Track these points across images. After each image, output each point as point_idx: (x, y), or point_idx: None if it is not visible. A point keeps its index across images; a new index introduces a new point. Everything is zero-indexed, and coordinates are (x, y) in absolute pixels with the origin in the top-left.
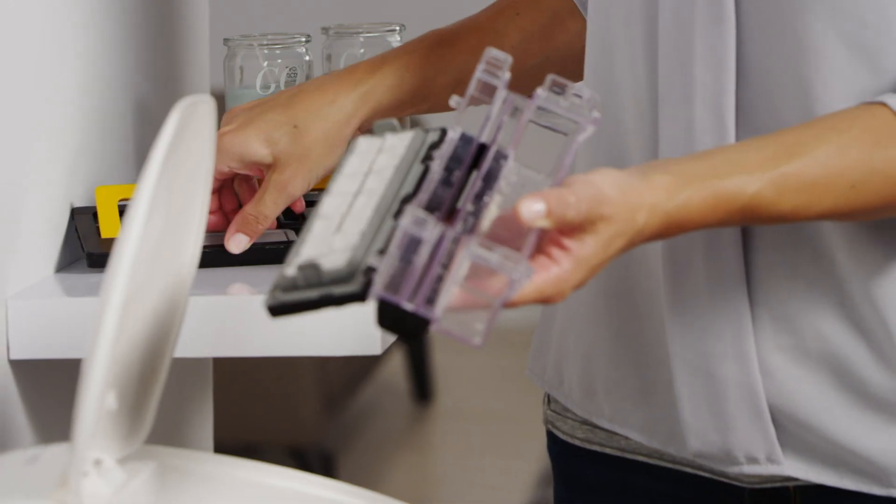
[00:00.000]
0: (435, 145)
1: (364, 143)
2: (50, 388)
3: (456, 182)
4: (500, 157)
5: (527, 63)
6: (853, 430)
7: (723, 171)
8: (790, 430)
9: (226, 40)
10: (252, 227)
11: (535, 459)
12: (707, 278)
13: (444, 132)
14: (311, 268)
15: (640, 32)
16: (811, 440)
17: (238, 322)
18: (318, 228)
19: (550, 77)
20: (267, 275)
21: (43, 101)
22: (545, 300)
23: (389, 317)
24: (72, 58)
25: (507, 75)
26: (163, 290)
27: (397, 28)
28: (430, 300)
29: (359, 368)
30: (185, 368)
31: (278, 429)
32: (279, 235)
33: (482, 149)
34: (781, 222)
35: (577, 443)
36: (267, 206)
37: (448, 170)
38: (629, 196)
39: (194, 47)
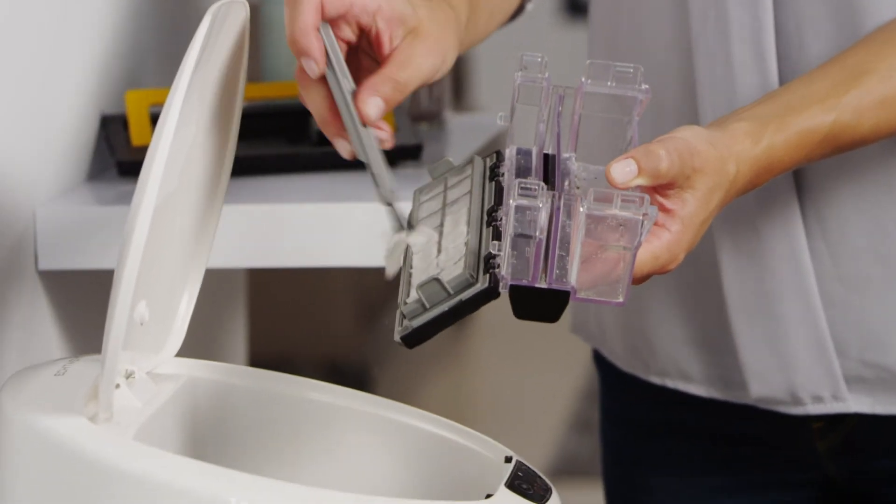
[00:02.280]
0: (495, 166)
1: (427, 189)
2: (80, 299)
3: None
4: (564, 157)
5: None
6: None
7: (796, 106)
8: (855, 361)
9: None
10: (392, 93)
11: (577, 374)
12: (760, 215)
13: (498, 153)
14: (431, 284)
15: None
16: (877, 368)
17: (272, 232)
18: (417, 261)
19: (590, 62)
20: (305, 183)
21: (72, 5)
22: (662, 268)
23: (525, 303)
24: None
25: (547, 74)
26: (195, 198)
27: None
28: (562, 274)
29: (396, 280)
30: (218, 280)
31: (313, 342)
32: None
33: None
34: (864, 144)
35: (621, 364)
36: (411, 71)
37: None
38: (717, 147)
39: None
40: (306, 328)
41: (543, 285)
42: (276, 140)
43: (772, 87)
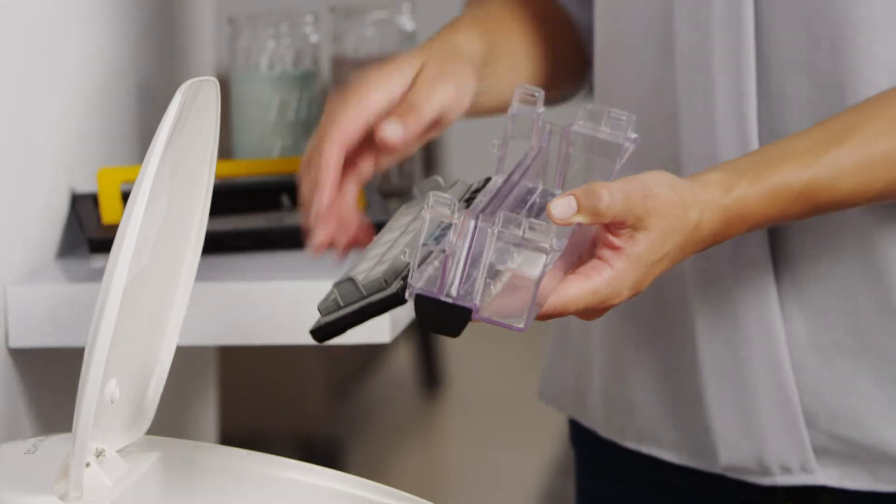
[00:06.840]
0: (477, 190)
1: (407, 207)
2: (51, 377)
3: None
4: (548, 194)
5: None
6: (891, 428)
7: (774, 160)
8: (824, 433)
9: (230, 19)
10: (407, 115)
11: (549, 448)
12: (735, 279)
13: (488, 180)
14: (347, 283)
15: (655, 35)
16: (845, 442)
17: (243, 310)
18: (361, 267)
19: (585, 105)
20: (276, 260)
21: (43, 83)
22: (601, 302)
23: (430, 314)
24: (72, 39)
25: (541, 109)
26: (166, 275)
27: (406, 7)
28: (469, 292)
29: (367, 357)
30: (189, 357)
31: (284, 419)
32: (292, 219)
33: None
34: (841, 208)
35: (601, 430)
36: (420, 92)
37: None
38: (680, 193)
39: (198, 27)
40: (277, 405)
41: (448, 299)
42: (247, 217)
43: (751, 143)
